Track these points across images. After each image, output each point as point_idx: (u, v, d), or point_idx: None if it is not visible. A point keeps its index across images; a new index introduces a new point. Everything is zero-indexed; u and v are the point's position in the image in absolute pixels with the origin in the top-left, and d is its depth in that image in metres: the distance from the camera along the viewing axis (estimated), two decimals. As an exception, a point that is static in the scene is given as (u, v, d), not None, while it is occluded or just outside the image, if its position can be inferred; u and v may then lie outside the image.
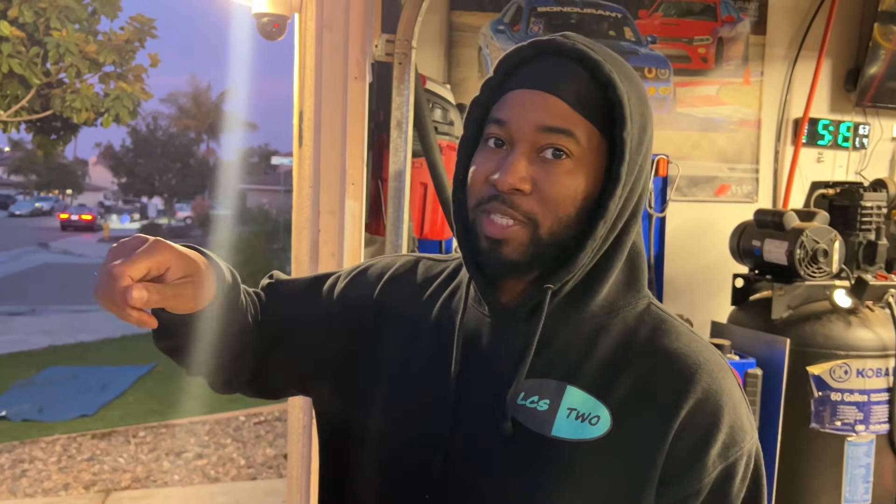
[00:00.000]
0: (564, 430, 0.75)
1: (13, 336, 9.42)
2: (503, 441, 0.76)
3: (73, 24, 5.89)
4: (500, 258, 0.76)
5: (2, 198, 44.62)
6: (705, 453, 0.74)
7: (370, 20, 1.83)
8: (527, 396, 0.77)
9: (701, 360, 0.77)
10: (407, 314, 0.89)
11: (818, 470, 2.26)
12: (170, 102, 36.07)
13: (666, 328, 0.79)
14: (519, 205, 0.74)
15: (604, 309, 0.79)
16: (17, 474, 4.73)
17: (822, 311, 2.28)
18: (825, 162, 3.01)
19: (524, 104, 0.75)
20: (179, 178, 32.86)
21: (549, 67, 0.76)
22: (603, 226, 0.75)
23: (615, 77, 0.74)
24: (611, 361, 0.77)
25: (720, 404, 0.75)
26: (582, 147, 0.74)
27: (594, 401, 0.75)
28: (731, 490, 0.76)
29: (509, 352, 0.79)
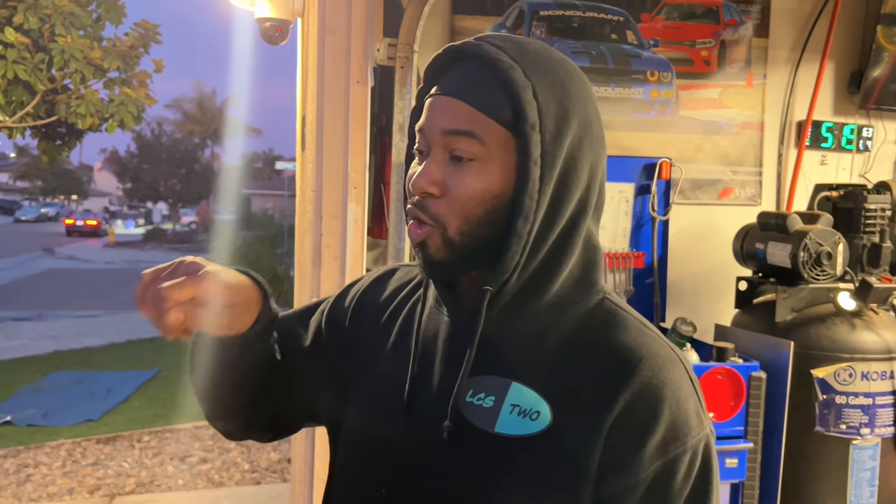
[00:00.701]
0: (507, 427, 0.76)
1: (19, 341, 9.45)
2: (450, 438, 0.78)
3: (78, 31, 5.92)
4: (427, 259, 0.79)
5: (7, 203, 44.81)
6: (642, 447, 0.73)
7: (372, 24, 1.83)
8: (475, 393, 0.79)
9: (644, 354, 0.76)
10: (374, 326, 0.92)
11: (823, 473, 2.25)
12: (174, 108, 36.17)
13: (616, 322, 0.79)
14: (428, 208, 0.77)
15: (554, 305, 0.79)
16: (21, 479, 4.74)
17: (827, 314, 2.28)
18: (829, 165, 3.00)
19: (433, 110, 0.78)
20: (184, 183, 32.95)
21: (459, 72, 0.78)
22: (523, 223, 0.75)
23: (514, 72, 0.74)
24: (556, 357, 0.78)
25: (660, 398, 0.74)
26: (487, 147, 0.75)
27: (536, 396, 0.76)
28: (672, 486, 0.74)
29: (461, 351, 0.80)
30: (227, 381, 0.89)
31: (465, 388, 0.79)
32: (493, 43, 0.77)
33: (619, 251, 2.49)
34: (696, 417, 0.76)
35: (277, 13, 2.09)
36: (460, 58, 0.79)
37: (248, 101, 25.03)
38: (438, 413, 0.79)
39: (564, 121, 0.76)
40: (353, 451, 0.89)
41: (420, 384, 0.83)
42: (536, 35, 2.68)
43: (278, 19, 2.10)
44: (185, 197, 33.66)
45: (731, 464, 2.11)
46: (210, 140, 36.47)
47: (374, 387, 0.88)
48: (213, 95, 36.71)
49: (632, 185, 2.50)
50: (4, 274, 17.19)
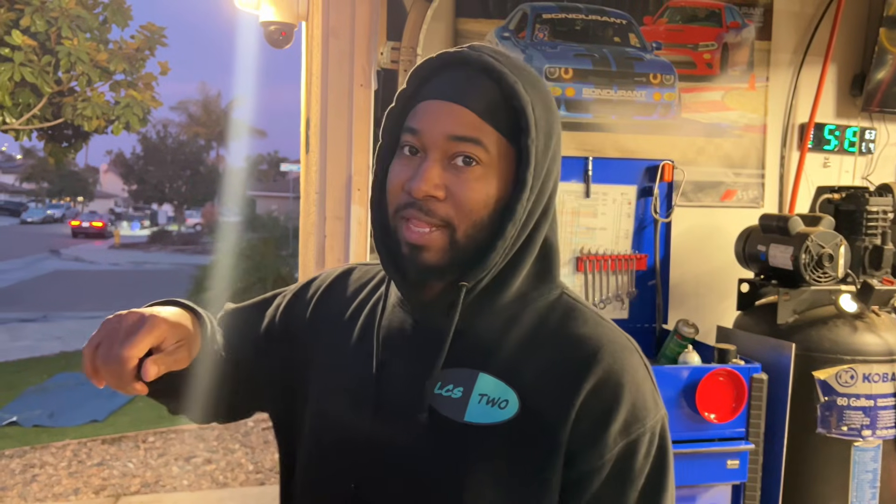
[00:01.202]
0: (476, 416, 0.80)
1: (25, 342, 9.50)
2: (421, 429, 0.81)
3: (85, 34, 5.95)
4: (421, 263, 0.80)
5: (14, 205, 44.99)
6: (606, 430, 0.77)
7: (375, 28, 1.85)
8: (443, 385, 0.82)
9: (604, 342, 0.81)
10: (334, 324, 0.94)
11: (825, 475, 2.25)
12: (180, 110, 36.28)
13: (575, 315, 0.84)
14: (435, 211, 0.78)
15: (516, 301, 0.84)
16: (27, 479, 4.76)
17: (828, 316, 2.28)
18: (831, 167, 3.00)
19: (435, 114, 0.79)
20: (189, 185, 33.03)
21: (458, 79, 0.80)
22: (512, 227, 0.79)
23: (519, 87, 0.79)
24: (521, 348, 0.82)
25: (621, 383, 0.79)
26: (490, 154, 0.79)
27: (504, 386, 0.80)
28: (634, 465, 0.78)
29: (428, 346, 0.83)
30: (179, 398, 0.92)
31: (434, 380, 0.82)
32: (491, 55, 0.80)
33: (621, 253, 2.50)
34: (652, 400, 0.81)
35: (282, 17, 2.11)
36: (455, 64, 0.81)
37: (253, 103, 25.10)
38: (408, 406, 0.82)
39: (549, 136, 0.82)
40: (317, 447, 0.90)
41: (387, 378, 0.85)
42: (540, 38, 2.69)
43: (282, 23, 2.12)
44: (190, 199, 33.74)
45: (732, 465, 2.12)
46: (215, 142, 36.56)
47: (338, 383, 0.89)
48: (218, 98, 36.82)
49: (634, 188, 2.51)
50: (11, 275, 17.26)
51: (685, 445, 2.10)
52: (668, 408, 2.12)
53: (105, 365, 0.76)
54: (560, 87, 2.69)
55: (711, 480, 2.14)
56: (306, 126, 2.21)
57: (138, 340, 0.76)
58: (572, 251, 2.49)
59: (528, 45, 2.68)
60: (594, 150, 2.71)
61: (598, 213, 2.48)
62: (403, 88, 0.86)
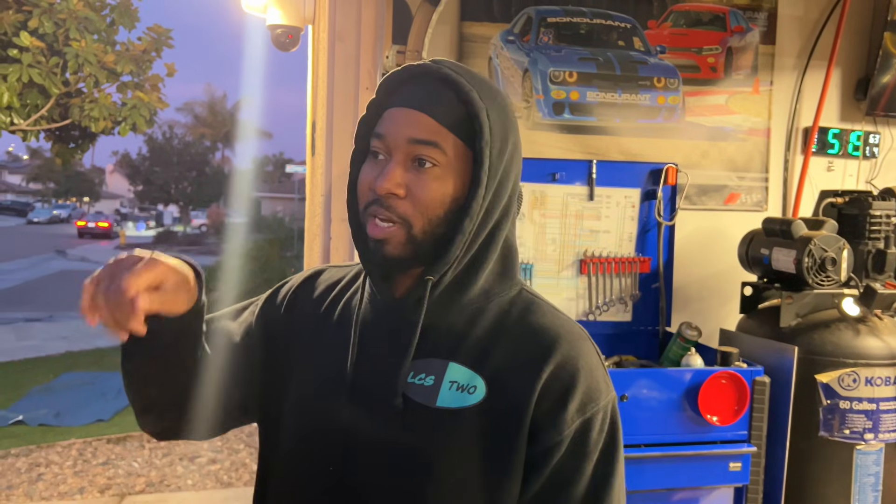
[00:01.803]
0: (447, 401, 0.88)
1: (31, 342, 9.54)
2: (396, 414, 0.88)
3: (92, 35, 5.99)
4: (382, 255, 0.88)
5: (20, 205, 45.15)
6: (565, 409, 0.87)
7: (381, 32, 1.87)
8: (415, 375, 0.89)
9: (561, 332, 0.90)
10: (309, 320, 1.00)
11: (827, 478, 2.26)
12: (186, 111, 36.40)
13: (534, 308, 0.94)
14: (395, 207, 0.86)
15: (480, 296, 0.92)
16: (33, 478, 4.79)
17: (831, 320, 2.29)
18: (835, 171, 3.01)
19: (398, 120, 0.88)
20: (195, 186, 33.11)
21: (421, 88, 0.89)
22: (469, 222, 0.87)
23: (474, 95, 0.87)
24: (486, 338, 0.91)
25: (577, 367, 0.88)
26: (448, 156, 0.87)
27: (472, 373, 0.89)
28: (590, 440, 0.88)
29: (399, 338, 0.91)
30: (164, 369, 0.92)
31: (406, 370, 0.89)
32: (451, 67, 0.89)
33: (625, 256, 2.51)
34: (604, 383, 0.91)
35: (288, 20, 2.13)
36: (419, 77, 0.90)
37: (258, 104, 25.12)
38: (383, 393, 0.89)
39: (505, 140, 0.90)
40: (296, 438, 0.95)
41: (362, 370, 0.92)
42: (544, 42, 2.71)
43: (289, 26, 2.14)
44: (195, 199, 33.81)
45: (734, 468, 2.13)
46: (221, 143, 36.65)
47: (315, 375, 0.95)
48: (224, 99, 36.92)
49: (638, 191, 2.51)
50: (17, 275, 17.33)
51: (687, 447, 2.11)
52: (670, 410, 2.14)
53: (105, 295, 0.78)
54: (564, 91, 2.70)
55: (713, 483, 2.15)
56: (312, 129, 2.22)
57: (140, 273, 0.79)
58: (576, 254, 2.50)
59: (533, 48, 2.69)
60: (598, 153, 2.72)
61: (602, 216, 2.49)
62: (373, 98, 0.94)
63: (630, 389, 2.08)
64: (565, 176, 2.47)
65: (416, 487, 0.87)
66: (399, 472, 0.88)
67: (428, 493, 0.87)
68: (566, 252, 2.49)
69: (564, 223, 2.48)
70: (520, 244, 2.43)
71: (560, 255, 2.49)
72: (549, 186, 2.46)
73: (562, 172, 2.46)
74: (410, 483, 0.87)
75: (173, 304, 0.84)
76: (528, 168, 2.41)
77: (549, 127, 2.71)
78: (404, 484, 0.88)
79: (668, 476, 2.12)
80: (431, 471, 0.86)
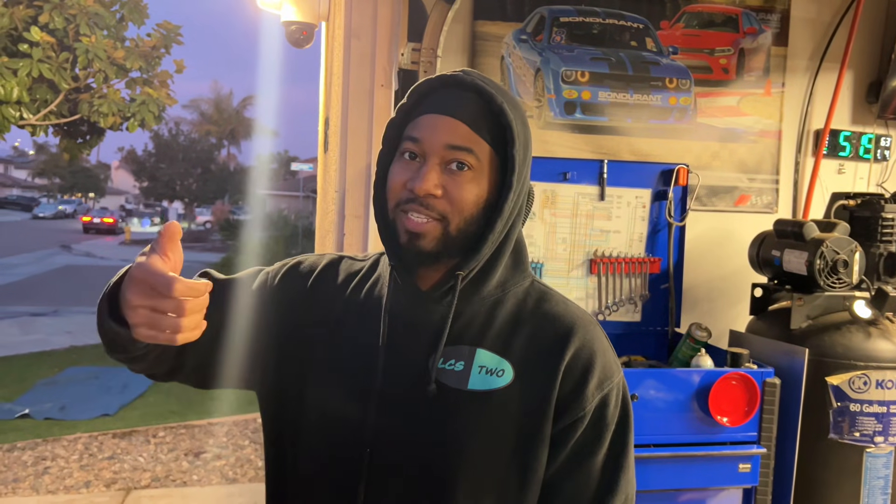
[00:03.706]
0: (477, 384, 0.94)
1: (36, 336, 9.58)
2: (429, 398, 0.94)
3: (102, 31, 6.01)
4: (417, 248, 0.94)
5: (26, 200, 45.28)
6: (586, 387, 0.96)
7: (397, 30, 1.87)
8: (445, 360, 0.96)
9: (576, 319, 1.00)
10: (333, 305, 1.04)
11: (836, 481, 2.26)
12: (192, 108, 36.48)
13: (547, 297, 1.02)
14: (433, 206, 0.93)
15: (498, 287, 1.00)
16: (39, 471, 4.81)
17: (842, 322, 2.28)
18: (846, 173, 3.00)
19: (434, 126, 0.94)
20: (200, 182, 33.18)
21: (454, 97, 0.96)
22: (500, 222, 0.95)
23: (506, 106, 0.95)
24: (508, 326, 0.98)
25: (594, 350, 0.98)
26: (480, 161, 0.94)
27: (499, 358, 0.96)
28: (608, 413, 0.97)
29: (427, 327, 0.97)
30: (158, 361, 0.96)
31: (437, 356, 0.95)
32: (482, 80, 0.97)
33: (635, 256, 2.51)
34: (615, 364, 1.00)
35: (303, 17, 2.14)
36: (452, 85, 0.97)
37: (264, 102, 25.14)
38: (415, 378, 0.95)
39: (526, 148, 0.98)
40: (326, 425, 0.98)
41: (393, 357, 0.97)
42: (556, 41, 2.71)
43: (304, 23, 2.14)
44: (200, 196, 33.89)
45: (744, 469, 2.13)
46: (226, 140, 36.71)
47: (342, 362, 0.99)
48: (231, 96, 36.97)
49: (649, 191, 2.51)
50: (22, 270, 17.38)
51: (697, 448, 2.11)
52: (680, 411, 2.13)
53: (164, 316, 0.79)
54: (576, 91, 2.70)
55: (723, 483, 2.15)
56: (325, 125, 2.23)
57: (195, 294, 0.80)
58: (586, 253, 2.50)
59: (545, 48, 2.70)
60: (609, 153, 2.72)
61: (613, 216, 2.49)
62: (403, 102, 1.00)
63: (639, 389, 2.08)
64: (576, 175, 2.47)
65: (448, 467, 0.92)
66: (432, 453, 0.93)
67: (459, 472, 0.92)
68: (576, 252, 2.49)
69: (575, 223, 2.48)
70: (530, 243, 2.43)
71: (570, 254, 2.49)
72: (560, 186, 2.46)
73: (573, 172, 2.46)
74: (443, 464, 0.92)
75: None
76: (540, 167, 2.41)
77: (561, 126, 2.71)
78: (437, 465, 0.93)
79: (676, 476, 2.12)
80: (464, 450, 0.92)
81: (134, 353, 0.90)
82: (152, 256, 0.79)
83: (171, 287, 0.77)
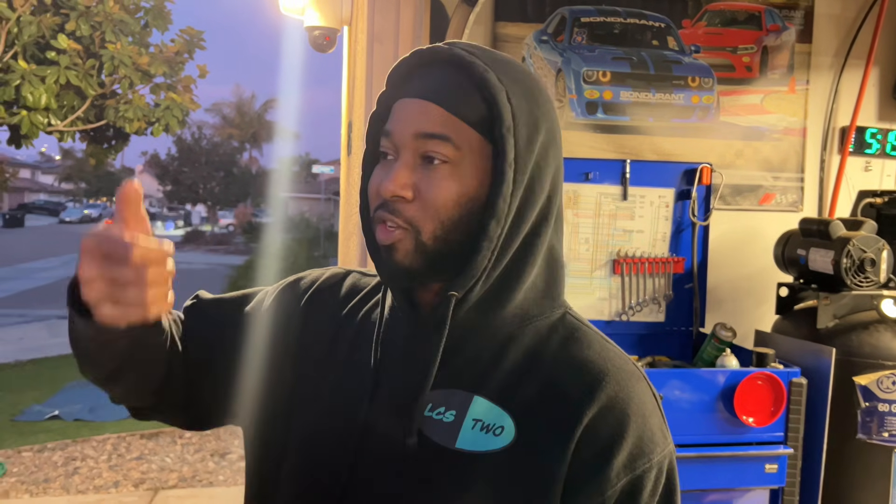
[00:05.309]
0: (468, 443, 0.74)
1: (64, 339, 9.58)
2: (408, 454, 0.74)
3: (127, 37, 6.11)
4: (393, 264, 0.75)
5: (53, 205, 46.04)
6: (609, 463, 0.71)
7: (419, 33, 1.89)
8: (434, 407, 0.76)
9: (609, 368, 0.75)
10: (327, 327, 0.87)
11: (865, 482, 2.23)
12: (214, 112, 36.86)
13: (578, 336, 0.78)
14: (402, 212, 0.74)
15: (515, 318, 0.78)
16: (69, 471, 4.89)
17: (870, 321, 2.26)
18: (873, 171, 2.97)
19: (405, 113, 0.76)
20: (222, 186, 33.50)
21: (431, 75, 0.76)
22: (496, 225, 0.73)
23: (490, 75, 0.74)
24: (518, 370, 0.76)
25: (626, 413, 0.73)
26: (461, 150, 0.74)
27: (499, 410, 0.74)
28: (639, 503, 0.73)
29: (420, 362, 0.77)
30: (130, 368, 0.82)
31: (424, 401, 0.75)
32: (465, 48, 0.77)
33: (658, 256, 2.50)
34: (660, 433, 0.75)
35: (326, 22, 2.16)
36: (429, 63, 0.78)
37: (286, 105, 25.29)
38: (395, 428, 0.76)
39: (535, 127, 0.76)
40: (300, 464, 0.82)
41: (377, 397, 0.79)
42: (578, 41, 2.71)
43: (327, 28, 2.16)
44: (223, 199, 34.22)
45: (770, 469, 2.12)
46: (248, 143, 37.04)
47: (326, 398, 0.83)
48: (253, 100, 37.30)
49: (672, 191, 2.51)
50: (50, 273, 17.68)
51: (722, 448, 2.10)
52: (705, 411, 2.12)
53: None
54: (598, 91, 2.70)
55: (749, 484, 2.14)
56: (348, 129, 2.25)
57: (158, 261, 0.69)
58: (609, 254, 2.50)
59: (566, 48, 2.70)
60: (632, 152, 2.71)
61: (636, 216, 2.49)
62: (383, 91, 0.82)
63: (664, 390, 2.08)
64: (598, 175, 2.47)
65: None
66: None
67: None
68: (599, 252, 2.49)
69: (598, 223, 2.48)
70: (553, 244, 2.44)
71: (593, 254, 2.49)
72: (583, 186, 2.46)
73: (595, 172, 2.46)
74: None
75: None
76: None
77: (583, 126, 2.71)
78: None
79: (702, 477, 2.11)
80: None
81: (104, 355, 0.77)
82: (107, 223, 0.68)
83: (129, 250, 0.65)
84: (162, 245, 0.68)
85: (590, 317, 2.45)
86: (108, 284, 0.65)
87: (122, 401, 0.89)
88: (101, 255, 0.65)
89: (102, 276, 0.65)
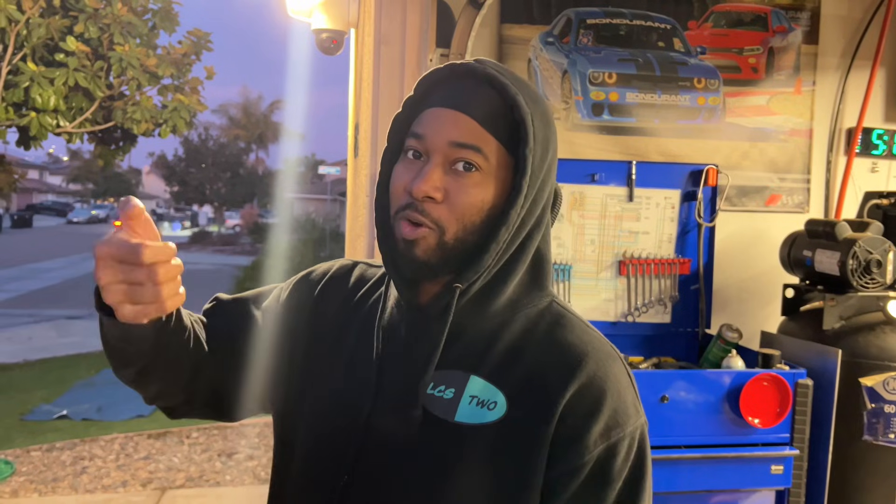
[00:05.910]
0: (466, 416, 0.83)
1: (72, 339, 9.78)
2: (413, 426, 0.84)
3: (135, 39, 6.12)
4: (412, 257, 0.83)
5: (60, 205, 46.25)
6: (588, 432, 0.81)
7: (425, 35, 1.90)
8: (435, 386, 0.85)
9: (589, 350, 0.85)
10: (337, 316, 0.97)
11: (871, 483, 2.23)
12: (221, 113, 36.96)
13: (563, 322, 0.89)
14: (430, 212, 0.82)
15: (507, 306, 0.88)
16: (77, 471, 4.92)
17: (876, 323, 2.26)
18: (879, 172, 2.96)
19: (439, 121, 0.84)
20: (229, 186, 33.59)
21: (463, 88, 0.85)
22: (505, 231, 0.83)
23: (520, 99, 0.83)
24: (510, 352, 0.86)
25: (604, 389, 0.83)
26: (489, 162, 0.83)
27: (493, 388, 0.84)
28: (613, 467, 0.82)
29: (422, 346, 0.86)
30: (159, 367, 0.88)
31: (427, 381, 0.85)
32: (495, 68, 0.85)
33: (664, 257, 2.50)
34: (633, 408, 0.85)
35: (333, 24, 2.17)
36: (462, 76, 0.86)
37: (292, 106, 25.36)
38: (402, 404, 0.85)
39: (546, 148, 0.86)
40: (314, 440, 0.91)
41: (385, 377, 0.88)
42: (584, 43, 2.71)
43: (334, 30, 2.18)
44: (229, 200, 34.30)
45: (776, 470, 2.12)
46: (255, 144, 37.12)
47: (336, 379, 0.92)
48: (259, 101, 37.39)
49: (678, 192, 2.51)
50: (58, 273, 17.76)
51: (728, 449, 2.10)
52: (711, 412, 2.12)
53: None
54: (604, 92, 2.71)
55: (754, 485, 2.14)
56: (355, 131, 2.26)
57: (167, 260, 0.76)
58: (615, 255, 2.50)
59: (572, 49, 2.70)
60: (638, 154, 2.72)
61: (642, 217, 2.49)
62: (410, 95, 0.90)
63: (669, 391, 2.08)
64: (604, 177, 2.48)
65: (429, 501, 0.83)
66: (413, 484, 0.84)
67: None
68: (605, 253, 2.50)
69: (603, 224, 2.49)
70: (558, 245, 2.44)
71: (599, 255, 2.50)
72: (588, 187, 2.47)
73: (601, 173, 2.47)
74: (424, 496, 0.83)
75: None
76: (567, 169, 2.42)
77: (589, 128, 2.71)
78: (418, 496, 0.83)
79: (707, 477, 2.12)
80: (445, 487, 0.82)
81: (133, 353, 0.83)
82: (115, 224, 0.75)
83: (140, 253, 0.72)
84: (167, 246, 0.76)
85: (596, 318, 2.46)
86: (125, 286, 0.73)
87: (155, 400, 0.96)
88: (115, 261, 0.73)
89: (119, 279, 0.73)
